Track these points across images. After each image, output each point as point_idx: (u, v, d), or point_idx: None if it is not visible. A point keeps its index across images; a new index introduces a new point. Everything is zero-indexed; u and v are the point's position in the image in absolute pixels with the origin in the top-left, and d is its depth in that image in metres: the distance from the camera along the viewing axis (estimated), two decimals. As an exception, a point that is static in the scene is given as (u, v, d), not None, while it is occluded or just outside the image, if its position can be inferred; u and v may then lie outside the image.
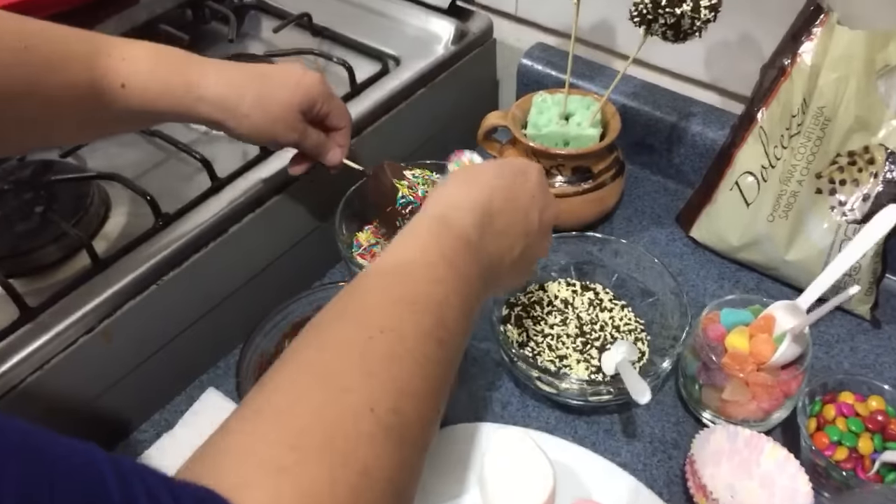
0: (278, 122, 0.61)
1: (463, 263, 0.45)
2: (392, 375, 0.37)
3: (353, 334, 0.38)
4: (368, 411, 0.34)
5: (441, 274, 0.44)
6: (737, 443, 0.60)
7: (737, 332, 0.62)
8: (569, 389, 0.63)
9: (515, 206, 0.51)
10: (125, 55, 0.56)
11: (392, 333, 0.38)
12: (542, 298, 0.73)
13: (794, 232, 0.71)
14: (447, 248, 0.45)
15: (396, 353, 0.38)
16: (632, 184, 0.88)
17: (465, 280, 0.45)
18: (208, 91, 0.58)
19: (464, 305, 0.44)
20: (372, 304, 0.41)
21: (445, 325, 0.41)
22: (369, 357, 0.37)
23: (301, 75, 0.62)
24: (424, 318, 0.40)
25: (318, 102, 0.63)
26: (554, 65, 0.91)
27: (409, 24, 0.91)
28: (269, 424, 0.33)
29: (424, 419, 0.38)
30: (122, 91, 0.55)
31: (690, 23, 0.64)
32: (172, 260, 0.65)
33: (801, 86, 0.68)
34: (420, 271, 0.43)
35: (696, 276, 0.78)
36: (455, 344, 0.43)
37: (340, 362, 0.37)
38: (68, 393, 0.61)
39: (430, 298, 0.42)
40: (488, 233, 0.49)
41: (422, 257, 0.44)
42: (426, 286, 0.43)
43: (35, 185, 0.70)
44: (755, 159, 0.73)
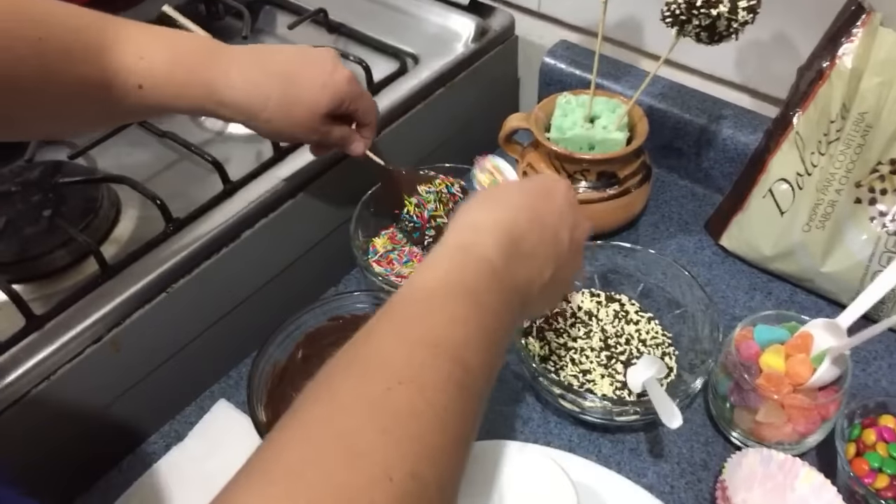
0: (300, 125, 0.59)
1: (487, 294, 0.42)
2: (410, 434, 0.34)
3: (368, 387, 0.35)
4: (385, 480, 0.31)
5: (463, 310, 0.40)
6: (770, 466, 0.57)
7: (772, 351, 0.59)
8: (593, 408, 0.60)
9: (542, 227, 0.48)
10: (143, 53, 0.53)
11: (410, 385, 0.35)
12: (565, 310, 0.70)
13: (831, 242, 0.68)
14: (470, 279, 0.42)
15: (415, 408, 0.35)
16: (658, 188, 0.85)
17: (491, 313, 0.42)
18: (229, 96, 0.56)
19: (489, 342, 0.41)
20: (388, 351, 0.37)
21: (468, 368, 0.38)
22: (386, 414, 0.34)
23: (329, 75, 0.59)
24: (445, 363, 0.37)
25: (344, 103, 0.60)
26: (578, 63, 0.88)
27: (429, 21, 0.88)
28: (278, 490, 0.30)
29: (445, 480, 0.35)
30: (139, 91, 0.54)
31: (727, 24, 0.61)
32: (183, 267, 0.63)
33: (841, 90, 0.64)
34: (439, 308, 0.40)
35: (726, 286, 0.75)
36: (479, 387, 0.39)
37: (355, 420, 0.33)
38: (75, 404, 0.59)
39: (452, 340, 0.39)
40: (514, 257, 0.45)
41: (441, 292, 0.41)
42: (446, 326, 0.39)
43: (43, 188, 0.68)
44: (790, 166, 0.69)
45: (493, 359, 0.42)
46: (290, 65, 0.58)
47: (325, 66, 0.59)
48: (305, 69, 0.58)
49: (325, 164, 0.71)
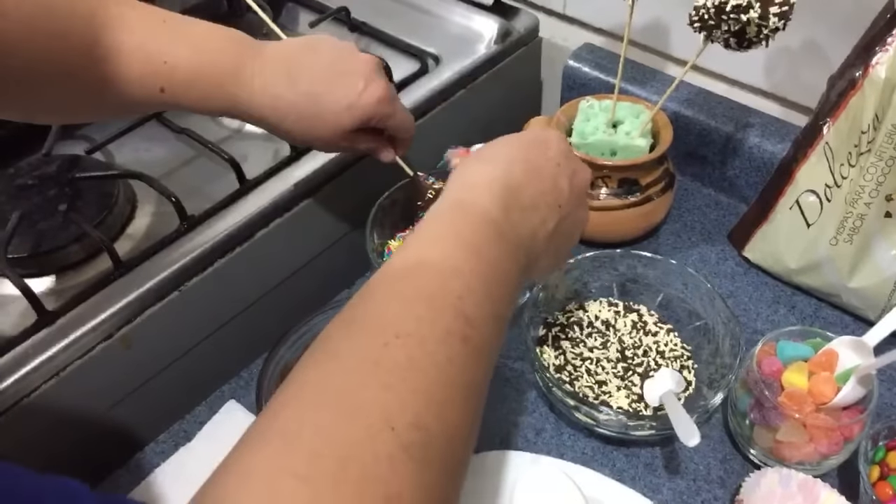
0: (321, 139, 0.58)
1: (487, 246, 0.41)
2: (411, 386, 0.33)
3: (366, 343, 0.35)
4: (387, 429, 0.31)
5: (461, 262, 0.39)
6: (790, 487, 0.55)
7: (795, 369, 0.58)
8: (608, 421, 0.59)
9: (540, 177, 0.47)
10: (167, 57, 0.52)
11: (409, 338, 0.35)
12: (581, 319, 0.69)
13: (859, 257, 0.66)
14: (466, 232, 0.41)
15: (415, 360, 0.34)
16: (681, 196, 0.83)
17: (493, 264, 0.41)
18: (250, 107, 0.56)
19: (493, 294, 0.40)
20: (384, 307, 0.37)
21: (471, 321, 0.37)
22: (384, 367, 0.33)
23: (359, 95, 0.56)
24: (444, 315, 0.36)
25: (371, 121, 0.58)
26: (602, 67, 0.86)
27: (451, 21, 0.87)
28: (275, 450, 0.30)
29: (453, 432, 0.34)
30: (160, 94, 0.53)
31: (757, 31, 0.59)
32: (196, 265, 0.62)
33: (874, 100, 0.62)
34: (436, 263, 0.39)
35: (749, 299, 0.73)
36: (485, 339, 0.38)
37: (352, 376, 0.33)
38: (84, 401, 0.58)
39: (450, 292, 0.38)
40: (513, 208, 0.44)
41: (438, 247, 0.40)
42: (444, 278, 0.38)
43: (60, 182, 0.68)
44: (819, 177, 0.67)
45: (499, 311, 0.40)
46: (319, 83, 0.55)
47: (355, 86, 0.56)
48: (334, 88, 0.56)
49: (341, 166, 0.70)
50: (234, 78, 0.54)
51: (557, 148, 0.49)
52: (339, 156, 0.70)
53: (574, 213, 0.49)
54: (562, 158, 0.49)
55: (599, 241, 0.76)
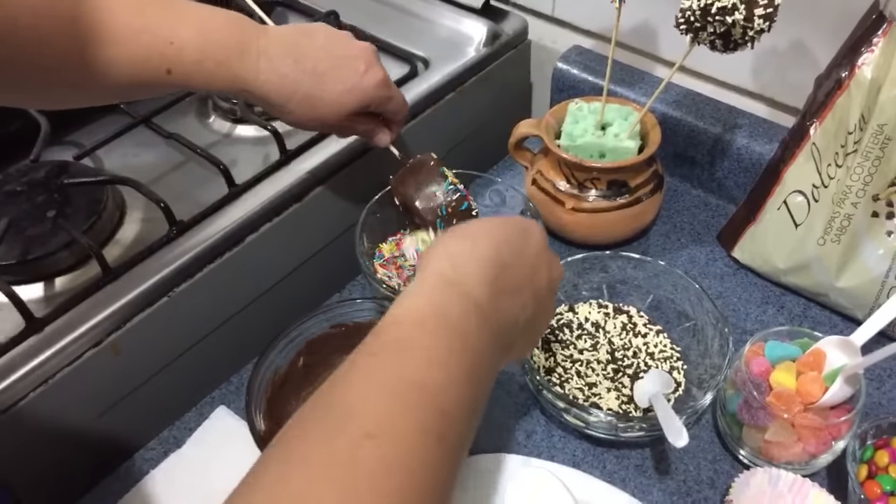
0: (322, 120, 0.59)
1: (472, 332, 0.39)
2: (380, 496, 0.30)
3: (334, 443, 0.32)
4: None
5: (444, 351, 0.37)
6: (779, 487, 0.56)
7: (783, 368, 0.58)
8: (598, 423, 0.59)
9: (523, 263, 0.46)
10: (173, 37, 0.52)
11: (382, 438, 0.32)
12: (571, 321, 0.69)
13: (847, 257, 0.66)
14: (453, 316, 0.39)
15: (386, 464, 0.31)
16: (670, 197, 0.83)
17: (477, 354, 0.39)
18: (256, 87, 0.56)
19: (472, 386, 0.38)
20: (359, 398, 0.34)
21: (448, 417, 0.35)
22: (352, 475, 0.31)
23: (360, 77, 0.58)
24: (422, 411, 0.34)
25: (371, 105, 0.60)
26: (591, 69, 0.86)
27: (440, 25, 0.87)
28: None
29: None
30: (167, 75, 0.53)
31: (742, 32, 0.60)
32: (185, 270, 0.62)
33: (860, 101, 0.63)
34: (419, 349, 0.37)
35: (738, 299, 0.73)
36: (461, 436, 0.36)
37: (320, 479, 0.30)
38: (74, 409, 0.58)
39: (431, 384, 0.35)
40: (499, 291, 0.43)
41: (422, 330, 0.38)
42: (426, 369, 0.36)
43: (48, 188, 0.68)
44: (806, 177, 0.68)
45: (476, 403, 0.39)
46: (322, 63, 0.57)
47: (357, 69, 0.58)
48: (337, 69, 0.58)
49: (331, 169, 0.70)
50: (239, 57, 0.55)
51: (538, 237, 0.49)
52: (329, 160, 0.70)
53: (547, 305, 0.49)
54: (542, 249, 0.48)
55: (589, 243, 0.77)
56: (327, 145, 0.71)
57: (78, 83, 0.51)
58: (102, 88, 0.53)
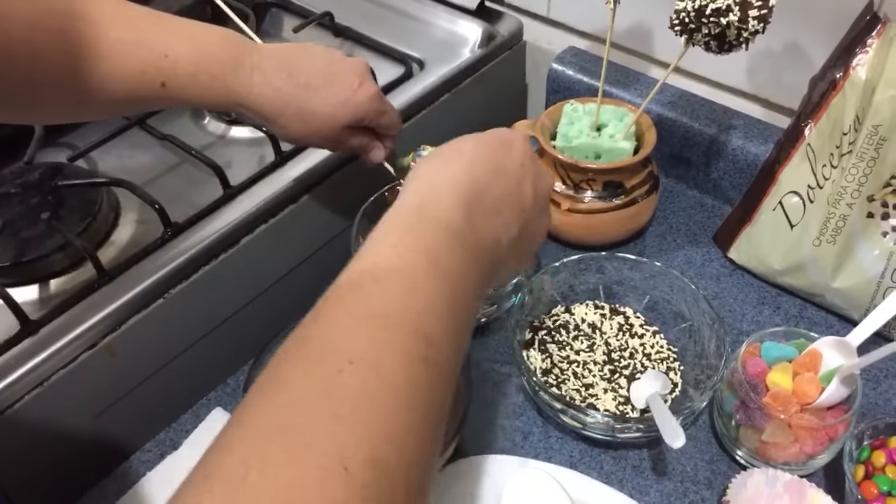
0: (316, 134, 0.59)
1: (448, 256, 0.39)
2: (366, 417, 0.30)
3: (316, 370, 0.32)
4: (339, 470, 0.28)
5: (419, 275, 0.37)
6: (776, 487, 0.56)
7: (779, 369, 0.58)
8: (595, 424, 0.59)
9: (505, 178, 0.44)
10: (168, 51, 0.52)
11: (362, 363, 0.32)
12: (567, 322, 0.69)
13: (843, 257, 0.67)
14: (427, 241, 0.39)
15: (370, 388, 0.31)
16: (666, 198, 0.83)
17: (454, 276, 0.38)
18: (250, 101, 0.56)
19: (454, 308, 0.37)
20: (337, 328, 0.34)
21: (430, 339, 0.35)
22: (336, 397, 0.31)
23: (353, 92, 0.58)
24: (401, 335, 0.34)
25: (365, 119, 0.60)
26: (586, 70, 0.86)
27: (435, 26, 0.87)
28: (219, 496, 0.27)
29: (412, 460, 0.31)
30: (161, 88, 0.53)
31: (737, 34, 0.60)
32: (180, 272, 0.62)
33: (854, 101, 0.63)
34: (392, 276, 0.36)
35: (734, 300, 0.73)
36: (446, 357, 0.36)
37: (301, 410, 0.30)
38: (69, 411, 0.58)
39: (408, 309, 0.35)
40: (477, 212, 0.41)
41: (394, 258, 0.38)
42: (401, 294, 0.36)
43: (43, 190, 0.68)
44: (801, 178, 0.68)
45: (460, 324, 0.38)
46: (316, 77, 0.57)
47: (350, 83, 0.58)
48: (331, 83, 0.58)
49: (326, 170, 0.70)
50: (233, 71, 0.55)
51: (522, 149, 0.47)
52: (324, 161, 0.70)
53: (537, 218, 0.48)
54: (526, 160, 0.47)
55: (585, 244, 0.77)
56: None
57: (71, 98, 0.51)
58: (95, 103, 0.53)
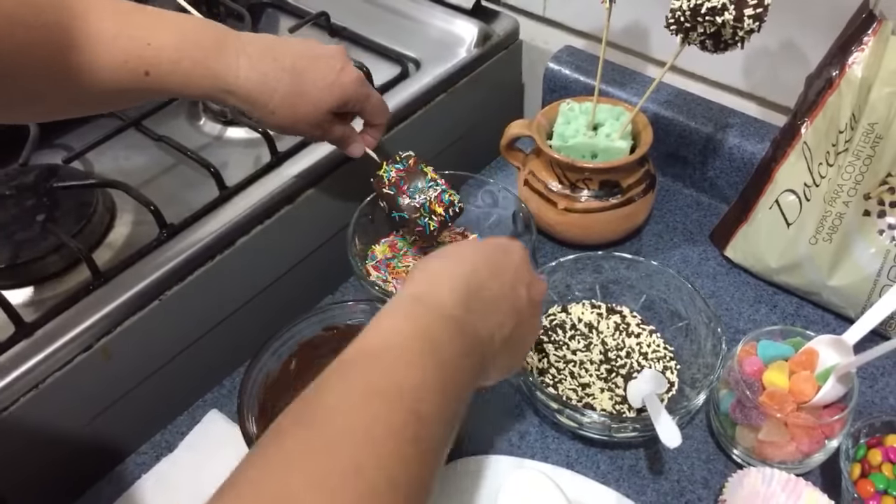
0: (304, 120, 0.59)
1: (444, 342, 0.41)
2: (355, 495, 0.31)
3: (310, 445, 0.33)
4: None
5: (416, 356, 0.38)
6: (772, 486, 0.56)
7: (776, 368, 0.58)
8: (592, 424, 0.59)
9: (501, 280, 0.47)
10: (150, 38, 0.52)
11: (356, 439, 0.33)
12: (564, 321, 0.69)
13: (839, 255, 0.67)
14: (424, 325, 0.41)
15: (359, 463, 0.32)
16: (663, 197, 0.83)
17: (450, 361, 0.40)
18: (236, 86, 0.56)
19: (447, 391, 0.39)
20: (333, 402, 0.35)
21: (422, 418, 0.36)
22: (327, 474, 0.31)
23: (337, 74, 0.59)
24: (394, 413, 0.35)
25: (349, 103, 0.61)
26: (583, 69, 0.86)
27: (431, 26, 0.87)
28: None
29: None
30: (145, 77, 0.53)
31: (732, 33, 0.60)
32: (176, 274, 0.62)
33: (851, 99, 0.63)
34: (391, 356, 0.38)
35: (731, 298, 0.73)
36: (435, 439, 0.37)
37: (292, 482, 0.31)
38: (64, 414, 0.58)
39: (403, 386, 0.36)
40: (474, 308, 0.44)
41: (394, 340, 0.39)
42: (397, 373, 0.37)
43: (38, 192, 0.68)
44: (798, 176, 0.68)
45: (452, 413, 0.39)
46: (301, 60, 0.58)
47: (334, 65, 0.59)
48: (315, 66, 0.59)
49: (322, 171, 0.70)
50: (217, 56, 0.55)
51: (520, 256, 0.50)
52: (320, 161, 0.70)
53: (530, 321, 0.50)
54: (521, 266, 0.50)
55: (582, 243, 0.77)
56: (318, 147, 0.71)
57: (56, 93, 0.51)
58: (81, 97, 0.53)
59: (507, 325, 0.47)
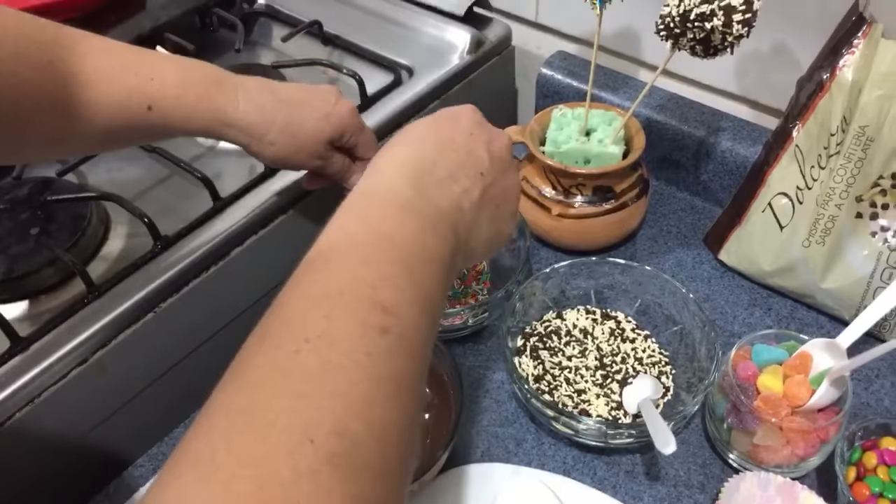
0: (303, 150, 0.60)
1: (397, 227, 0.39)
2: (327, 390, 0.31)
3: (275, 353, 0.32)
4: (305, 443, 0.29)
5: (368, 250, 0.37)
6: (769, 490, 0.56)
7: (770, 372, 0.58)
8: (588, 431, 0.59)
9: (454, 148, 0.45)
10: (153, 74, 0.54)
11: (319, 340, 0.32)
12: (559, 328, 0.69)
13: (832, 258, 0.67)
14: (372, 218, 0.39)
15: (329, 362, 0.32)
16: (657, 201, 0.83)
17: (409, 245, 0.39)
18: (236, 118, 0.57)
19: (415, 276, 0.38)
20: (293, 313, 0.34)
21: (389, 309, 0.35)
22: (295, 375, 0.31)
23: (332, 106, 0.60)
24: (357, 308, 0.34)
25: (346, 134, 0.61)
26: (575, 74, 0.87)
27: (424, 33, 0.87)
28: (188, 481, 0.28)
29: (383, 431, 0.31)
30: (148, 112, 0.54)
31: (721, 38, 0.60)
32: (171, 285, 0.62)
33: (841, 102, 0.63)
34: (343, 255, 0.37)
35: (725, 301, 0.73)
36: (410, 325, 0.36)
37: (262, 390, 0.31)
38: (61, 427, 0.58)
39: (360, 282, 0.35)
40: (429, 184, 0.43)
41: (343, 239, 0.38)
42: (352, 270, 0.36)
43: (32, 205, 0.68)
44: (790, 180, 0.68)
45: (425, 292, 0.38)
46: (297, 92, 0.60)
47: (328, 98, 0.61)
48: (311, 98, 0.60)
49: (316, 180, 0.70)
50: (217, 89, 0.56)
51: (469, 118, 0.48)
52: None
53: (501, 179, 0.48)
54: (475, 128, 0.48)
55: (576, 249, 0.77)
56: (312, 157, 0.71)
57: (57, 129, 0.52)
58: (83, 133, 0.53)
59: (473, 191, 0.45)
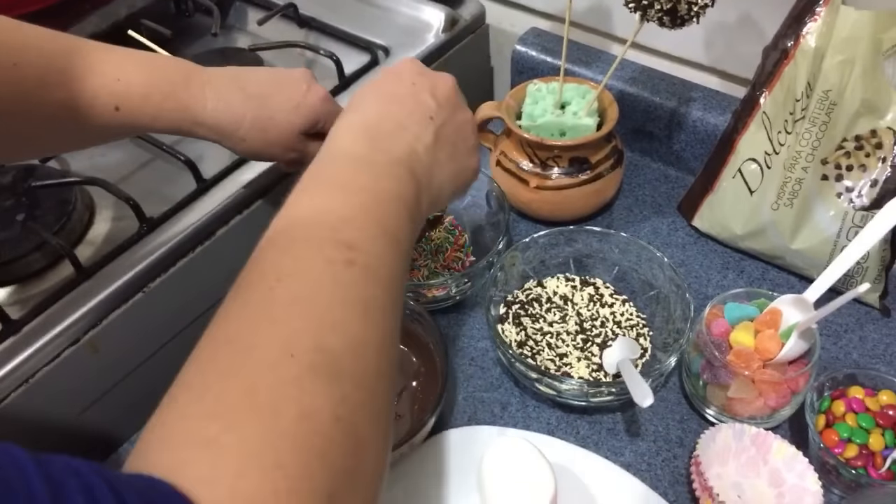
0: (276, 144, 0.60)
1: (354, 177, 0.43)
2: (302, 316, 0.34)
3: (252, 295, 0.36)
4: (286, 357, 0.32)
5: (326, 201, 0.41)
6: (743, 440, 0.58)
7: (742, 328, 0.60)
8: (569, 391, 0.61)
9: (398, 102, 0.48)
10: (119, 75, 0.54)
11: (290, 278, 0.36)
12: (540, 295, 0.71)
13: (800, 220, 0.69)
14: (327, 175, 0.43)
15: (301, 294, 0.35)
16: (631, 172, 0.86)
17: (367, 189, 0.42)
18: (205, 117, 0.57)
19: (377, 215, 0.41)
20: (265, 264, 0.37)
21: (353, 245, 0.38)
22: (272, 307, 0.34)
23: (303, 95, 0.59)
24: (321, 248, 0.37)
25: (320, 122, 0.61)
26: (549, 50, 0.88)
27: (399, 13, 0.88)
28: (184, 403, 0.31)
29: (359, 346, 0.35)
30: (116, 112, 0.54)
31: (687, 8, 0.62)
32: (158, 266, 0.63)
33: (805, 69, 0.65)
34: (305, 211, 0.40)
35: (700, 266, 0.76)
36: (375, 257, 0.39)
37: (243, 323, 0.34)
38: (55, 407, 0.59)
39: (322, 227, 0.39)
40: (379, 138, 0.46)
41: (305, 200, 0.41)
42: (313, 220, 0.39)
43: (16, 192, 0.68)
44: (758, 145, 0.70)
45: (389, 229, 0.41)
46: (266, 86, 0.59)
47: (299, 87, 0.60)
48: (280, 90, 0.59)
49: (298, 159, 0.71)
50: (185, 87, 0.56)
51: (409, 71, 0.51)
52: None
53: (451, 118, 0.51)
54: (416, 77, 0.50)
55: (555, 219, 0.79)
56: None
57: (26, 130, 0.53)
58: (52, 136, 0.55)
59: (424, 135, 0.48)
